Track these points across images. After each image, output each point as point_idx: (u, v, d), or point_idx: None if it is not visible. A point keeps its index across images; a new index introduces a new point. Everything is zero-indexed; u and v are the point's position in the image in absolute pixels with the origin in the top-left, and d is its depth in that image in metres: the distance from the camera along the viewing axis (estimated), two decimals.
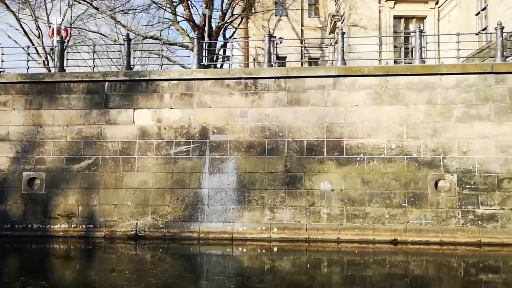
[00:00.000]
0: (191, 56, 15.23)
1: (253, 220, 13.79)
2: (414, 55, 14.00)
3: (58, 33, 16.12)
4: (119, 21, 25.97)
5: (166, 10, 25.23)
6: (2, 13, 27.85)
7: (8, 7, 26.33)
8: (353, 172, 13.67)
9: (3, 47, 16.29)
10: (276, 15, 38.86)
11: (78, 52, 28.75)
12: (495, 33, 13.78)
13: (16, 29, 27.76)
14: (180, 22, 26.59)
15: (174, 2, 26.48)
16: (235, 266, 12.31)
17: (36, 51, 27.24)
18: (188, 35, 27.16)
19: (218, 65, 25.92)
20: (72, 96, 14.94)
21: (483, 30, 20.79)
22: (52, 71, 19.35)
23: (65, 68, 15.55)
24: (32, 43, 27.65)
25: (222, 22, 26.31)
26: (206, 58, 15.61)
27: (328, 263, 12.34)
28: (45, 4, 28.17)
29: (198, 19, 26.59)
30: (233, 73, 14.56)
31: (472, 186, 13.16)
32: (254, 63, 28.50)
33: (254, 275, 11.10)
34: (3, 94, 15.09)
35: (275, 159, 14.00)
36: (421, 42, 13.96)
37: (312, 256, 13.08)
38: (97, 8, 25.48)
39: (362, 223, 13.42)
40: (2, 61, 16.00)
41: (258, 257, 13.03)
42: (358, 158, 13.71)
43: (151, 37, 25.64)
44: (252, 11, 32.87)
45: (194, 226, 13.91)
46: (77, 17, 28.83)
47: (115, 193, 14.30)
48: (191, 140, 14.37)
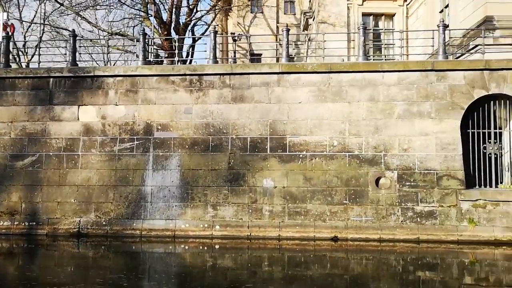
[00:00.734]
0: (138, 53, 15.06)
1: (195, 217, 13.73)
2: (357, 52, 13.95)
3: (4, 29, 15.92)
4: (84, 17, 25.75)
5: (129, 6, 25.05)
6: None
7: None
8: (295, 169, 13.64)
9: None
10: (251, 12, 38.87)
11: (57, 48, 28.46)
12: (437, 31, 13.78)
13: None
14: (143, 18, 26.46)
15: None
16: (175, 264, 12.24)
17: None
18: (158, 32, 27.05)
19: (191, 62, 25.85)
20: (16, 92, 14.79)
21: (447, 26, 20.84)
22: None
23: (11, 64, 15.39)
24: None
25: (189, 19, 26.19)
26: (151, 54, 15.49)
27: (268, 261, 12.28)
28: (17, 0, 27.93)
29: (166, 16, 26.48)
30: (178, 69, 14.46)
31: (412, 183, 13.18)
32: (219, 60, 28.37)
33: (194, 273, 11.04)
34: None
35: (219, 156, 13.94)
36: (364, 39, 13.93)
37: (253, 253, 13.03)
38: (62, 4, 25.28)
39: (303, 220, 13.41)
40: None
41: (199, 255, 12.96)
42: (301, 155, 13.69)
43: (116, 34, 25.48)
44: (222, 7, 32.83)
45: (136, 223, 13.83)
46: (51, 13, 28.65)
47: (59, 190, 14.18)
48: (135, 137, 14.28)
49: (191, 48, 27.52)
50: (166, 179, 13.97)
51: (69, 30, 27.98)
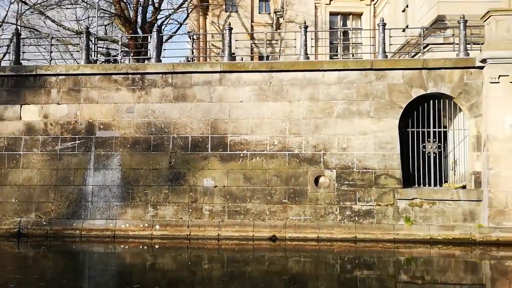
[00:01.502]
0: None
1: (136, 217, 13.66)
2: (299, 51, 13.93)
3: None
4: (48, 16, 25.55)
5: (90, 5, 24.86)
6: None
7: None
8: (236, 169, 13.60)
9: None
10: (226, 11, 38.76)
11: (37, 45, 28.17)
12: (377, 30, 13.80)
13: None
14: (113, 17, 26.27)
15: None
16: (112, 264, 12.18)
17: None
18: (122, 31, 26.86)
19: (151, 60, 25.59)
20: None
21: (406, 26, 20.92)
22: None
23: None
24: None
25: (154, 17, 26.05)
26: (96, 53, 15.39)
27: (206, 260, 12.22)
28: None
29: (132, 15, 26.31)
30: (120, 68, 14.37)
31: (350, 182, 13.19)
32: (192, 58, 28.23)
33: (130, 274, 10.96)
34: None
35: (160, 155, 13.87)
36: (305, 38, 13.91)
37: (192, 253, 12.98)
38: (25, 3, 25.09)
39: (243, 219, 13.37)
40: None
41: (138, 255, 12.90)
42: (241, 155, 13.65)
43: (80, 32, 25.23)
44: (195, 6, 32.72)
45: (77, 223, 13.73)
46: (23, 12, 28.38)
47: None
48: (77, 136, 14.18)
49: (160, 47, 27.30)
50: (107, 179, 13.88)
51: (37, 30, 27.92)
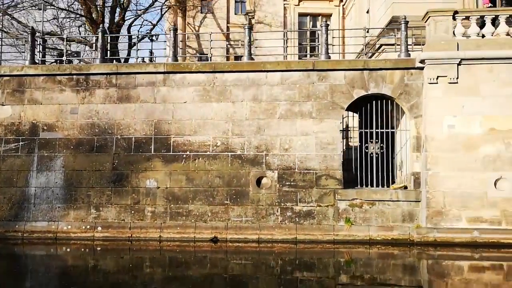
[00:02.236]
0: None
1: (78, 218, 13.55)
2: (244, 52, 13.89)
3: None
4: (14, 17, 25.38)
5: (53, 6, 24.72)
6: None
7: None
8: (178, 170, 13.54)
9: None
10: (201, 12, 38.65)
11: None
12: (320, 31, 13.79)
13: None
14: (79, 17, 26.15)
15: None
16: (52, 266, 12.06)
17: None
18: (93, 31, 26.72)
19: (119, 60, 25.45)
20: None
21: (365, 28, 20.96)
22: None
23: None
24: None
25: (120, 18, 25.94)
26: (40, 53, 15.27)
27: (147, 263, 12.15)
28: None
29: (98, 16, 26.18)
30: (64, 69, 14.26)
31: (292, 183, 13.16)
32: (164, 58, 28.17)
33: (70, 276, 10.85)
34: None
35: (103, 156, 13.78)
36: (250, 39, 13.88)
37: (133, 255, 12.86)
38: None
39: (184, 221, 13.31)
40: None
41: (78, 257, 12.76)
42: (184, 156, 13.59)
43: (48, 34, 25.11)
44: (170, 6, 32.62)
45: (19, 225, 13.60)
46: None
47: None
48: (20, 138, 14.06)
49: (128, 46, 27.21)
50: (50, 180, 13.77)
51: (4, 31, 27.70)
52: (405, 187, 13.19)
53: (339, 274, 11.36)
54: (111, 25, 26.78)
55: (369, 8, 21.56)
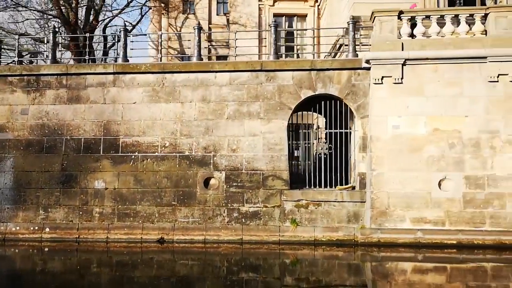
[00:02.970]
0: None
1: (26, 219, 13.51)
2: (192, 52, 13.85)
3: None
4: None
5: (25, 7, 24.73)
6: None
7: None
8: (127, 171, 13.50)
9: None
10: (183, 13, 38.63)
11: None
12: (269, 31, 13.76)
13: None
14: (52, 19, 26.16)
15: None
16: None
17: None
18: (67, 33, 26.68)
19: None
20: None
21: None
22: None
23: None
24: None
25: (94, 19, 25.93)
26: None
27: (94, 264, 12.12)
28: None
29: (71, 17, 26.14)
30: (15, 69, 14.23)
31: (239, 184, 13.11)
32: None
33: (14, 278, 10.76)
34: None
35: (53, 157, 13.74)
36: (199, 39, 13.83)
37: (80, 256, 12.80)
38: None
39: (132, 222, 13.27)
40: None
41: (25, 258, 12.72)
42: (133, 156, 13.55)
43: (22, 35, 25.10)
44: (153, 7, 32.59)
45: None
46: None
47: None
48: None
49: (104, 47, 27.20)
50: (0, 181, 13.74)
51: None
52: (353, 188, 13.16)
53: (284, 275, 11.31)
54: (85, 26, 26.78)
55: (338, 8, 21.59)
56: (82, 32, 26.18)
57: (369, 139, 12.66)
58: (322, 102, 13.51)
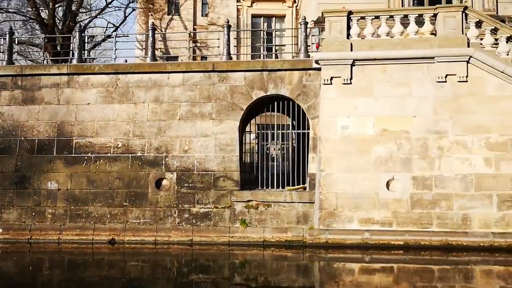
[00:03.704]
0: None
1: None
2: (146, 52, 13.85)
3: None
4: None
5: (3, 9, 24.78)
6: None
7: None
8: (80, 171, 13.50)
9: None
10: (168, 14, 38.63)
11: None
12: (222, 32, 13.75)
13: None
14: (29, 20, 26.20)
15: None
16: None
17: None
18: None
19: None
20: None
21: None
22: None
23: None
24: None
25: (70, 20, 25.96)
26: None
27: (46, 264, 12.13)
28: None
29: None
30: None
31: (190, 185, 13.10)
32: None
33: None
34: None
35: (7, 158, 13.75)
36: (153, 40, 13.83)
37: (32, 257, 12.84)
38: None
39: (84, 223, 13.26)
40: None
41: None
42: (86, 157, 13.55)
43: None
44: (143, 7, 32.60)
45: None
46: None
47: None
48: None
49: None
50: None
51: None
52: (305, 189, 13.13)
53: (234, 276, 11.30)
54: (63, 27, 26.80)
55: (310, 8, 21.59)
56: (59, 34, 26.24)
57: (318, 139, 12.63)
58: (275, 102, 13.51)
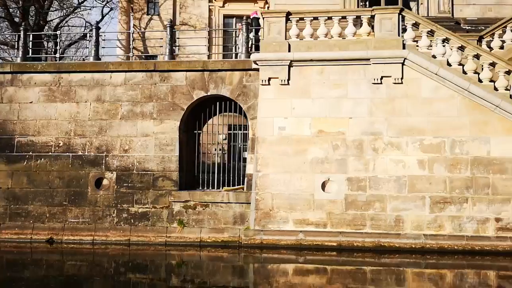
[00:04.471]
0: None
1: None
2: (89, 52, 13.84)
3: None
4: None
5: None
6: None
7: None
8: (21, 170, 13.46)
9: None
10: (147, 14, 38.57)
11: None
12: (167, 31, 13.73)
13: None
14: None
15: None
16: None
17: None
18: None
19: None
20: None
21: None
22: None
23: None
24: None
25: (39, 20, 25.91)
26: None
27: None
28: None
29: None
30: None
31: (130, 185, 13.08)
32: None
33: None
34: None
35: None
36: (97, 39, 13.81)
37: None
38: None
39: (23, 222, 13.22)
40: None
41: None
42: (27, 156, 13.51)
43: None
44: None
45: None
46: None
47: None
48: None
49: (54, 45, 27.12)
50: None
51: None
52: (244, 189, 13.11)
53: (170, 276, 11.28)
54: (34, 26, 26.72)
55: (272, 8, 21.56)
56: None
57: (256, 140, 12.61)
58: (218, 103, 13.50)
